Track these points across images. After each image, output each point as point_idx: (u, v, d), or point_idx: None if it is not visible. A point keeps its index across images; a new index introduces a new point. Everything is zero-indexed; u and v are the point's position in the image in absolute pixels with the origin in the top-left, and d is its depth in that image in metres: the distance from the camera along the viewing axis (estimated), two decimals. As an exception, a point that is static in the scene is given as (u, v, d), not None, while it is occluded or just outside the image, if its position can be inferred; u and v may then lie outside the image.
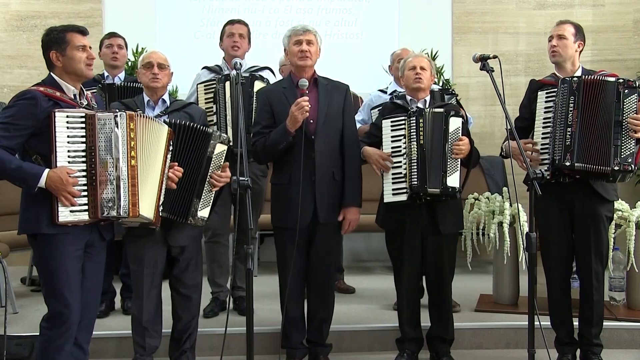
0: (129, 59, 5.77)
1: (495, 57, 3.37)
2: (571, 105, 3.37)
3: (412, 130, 3.45)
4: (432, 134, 3.45)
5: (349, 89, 3.71)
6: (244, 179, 2.85)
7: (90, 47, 2.97)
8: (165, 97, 3.47)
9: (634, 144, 3.31)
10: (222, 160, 3.34)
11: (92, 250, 2.96)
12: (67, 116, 2.78)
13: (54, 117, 2.74)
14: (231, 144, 3.39)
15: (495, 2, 6.46)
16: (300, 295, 3.64)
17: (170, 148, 3.14)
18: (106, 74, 4.54)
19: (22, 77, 5.95)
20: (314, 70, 3.62)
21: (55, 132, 2.74)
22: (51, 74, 2.93)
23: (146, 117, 3.02)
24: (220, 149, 3.31)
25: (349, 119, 3.66)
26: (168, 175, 3.14)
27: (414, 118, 3.46)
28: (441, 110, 3.49)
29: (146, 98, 3.44)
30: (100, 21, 6.20)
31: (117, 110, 2.88)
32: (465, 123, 3.53)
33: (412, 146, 3.44)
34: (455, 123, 3.46)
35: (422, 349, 3.73)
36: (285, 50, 3.64)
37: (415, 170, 3.42)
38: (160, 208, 3.09)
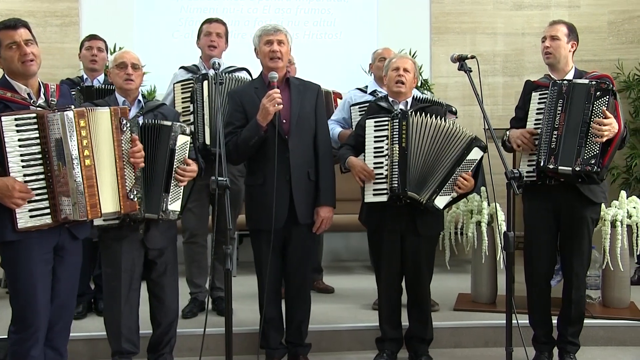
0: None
1: (473, 57, 3.38)
2: (559, 108, 3.37)
3: (394, 132, 3.44)
4: (438, 146, 3.42)
5: (321, 89, 3.69)
6: (222, 179, 2.83)
7: (29, 41, 2.78)
8: (140, 97, 3.40)
9: (598, 146, 3.29)
10: (187, 152, 3.25)
11: (62, 252, 2.89)
12: (16, 119, 2.67)
13: (0, 121, 2.64)
14: (192, 134, 3.29)
15: (473, 3, 6.50)
16: (276, 296, 3.62)
17: (125, 128, 2.93)
18: (85, 76, 4.50)
19: (-3, 76, 5.86)
20: (286, 70, 3.60)
21: (3, 137, 2.63)
22: (4, 74, 2.85)
23: (95, 110, 2.87)
24: (182, 140, 3.21)
25: (322, 118, 3.63)
26: (130, 153, 2.96)
27: (397, 120, 3.44)
28: (471, 134, 3.44)
29: (120, 99, 3.33)
30: (78, 20, 6.13)
31: (67, 108, 2.75)
32: (482, 159, 3.45)
33: (394, 148, 3.42)
34: (476, 154, 3.42)
35: (402, 348, 3.74)
36: (255, 49, 3.58)
37: (397, 172, 3.41)
38: (134, 193, 2.96)
